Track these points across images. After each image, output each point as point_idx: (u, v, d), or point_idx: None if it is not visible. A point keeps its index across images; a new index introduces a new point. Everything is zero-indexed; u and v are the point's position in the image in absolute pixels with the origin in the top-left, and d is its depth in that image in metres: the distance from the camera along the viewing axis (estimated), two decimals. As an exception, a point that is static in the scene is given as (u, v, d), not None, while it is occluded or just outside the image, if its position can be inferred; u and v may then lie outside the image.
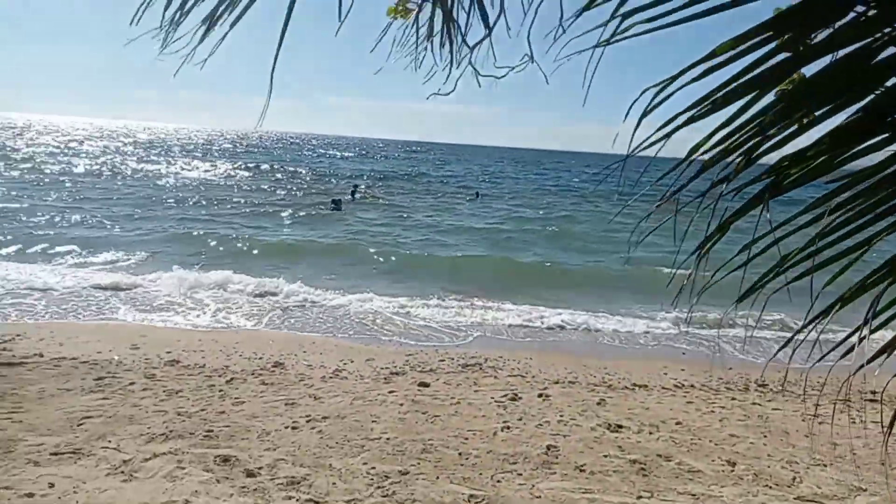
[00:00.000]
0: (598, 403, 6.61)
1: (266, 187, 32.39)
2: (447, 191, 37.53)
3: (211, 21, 1.41)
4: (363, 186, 33.61)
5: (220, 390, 6.29)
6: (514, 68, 2.23)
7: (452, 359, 8.23)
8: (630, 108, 1.50)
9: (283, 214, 22.61)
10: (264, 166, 47.30)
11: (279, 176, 40.63)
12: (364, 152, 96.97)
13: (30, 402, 5.62)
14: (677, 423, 6.15)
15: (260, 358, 7.69)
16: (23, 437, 4.85)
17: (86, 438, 4.90)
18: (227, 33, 1.44)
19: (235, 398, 6.09)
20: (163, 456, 4.67)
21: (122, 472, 4.40)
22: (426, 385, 6.90)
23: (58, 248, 14.10)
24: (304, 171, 45.31)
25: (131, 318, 9.45)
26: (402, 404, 6.19)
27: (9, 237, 14.74)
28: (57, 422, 5.20)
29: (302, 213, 23.00)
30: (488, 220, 23.89)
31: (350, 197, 28.70)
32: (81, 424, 5.18)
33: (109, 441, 4.88)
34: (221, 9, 1.43)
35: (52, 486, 4.16)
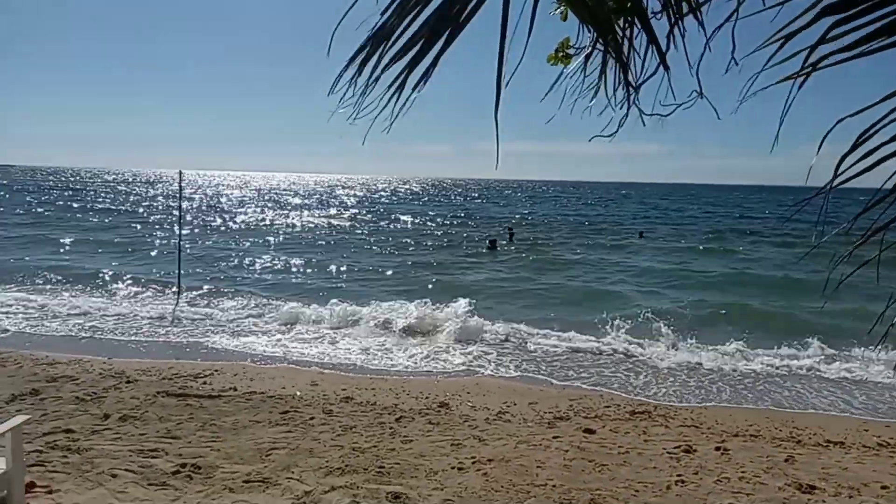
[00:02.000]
0: (786, 460, 6.01)
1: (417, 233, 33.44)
2: (609, 231, 36.59)
3: (400, 85, 1.53)
4: (514, 232, 32.29)
5: (391, 427, 6.54)
6: (681, 105, 2.16)
7: (619, 405, 7.92)
8: (824, 138, 1.41)
9: (434, 262, 22.23)
10: (403, 217, 46.42)
11: (433, 221, 41.98)
12: (519, 193, 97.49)
13: (226, 431, 6.22)
14: (883, 488, 5.42)
15: (426, 398, 7.91)
16: (220, 464, 5.36)
17: (273, 468, 5.30)
18: (409, 96, 1.55)
19: (404, 436, 6.29)
20: (340, 489, 4.93)
21: (304, 502, 4.70)
22: (592, 432, 6.68)
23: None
24: (461, 215, 46.42)
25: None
26: (566, 451, 6.05)
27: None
28: (248, 451, 5.69)
29: (450, 264, 22.20)
30: (655, 276, 20.43)
31: (506, 241, 28.78)
32: (269, 455, 5.62)
33: (293, 472, 5.25)
34: (404, 74, 1.55)
35: (245, 510, 4.54)
